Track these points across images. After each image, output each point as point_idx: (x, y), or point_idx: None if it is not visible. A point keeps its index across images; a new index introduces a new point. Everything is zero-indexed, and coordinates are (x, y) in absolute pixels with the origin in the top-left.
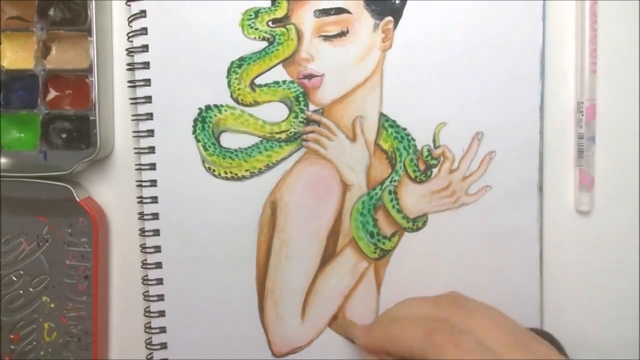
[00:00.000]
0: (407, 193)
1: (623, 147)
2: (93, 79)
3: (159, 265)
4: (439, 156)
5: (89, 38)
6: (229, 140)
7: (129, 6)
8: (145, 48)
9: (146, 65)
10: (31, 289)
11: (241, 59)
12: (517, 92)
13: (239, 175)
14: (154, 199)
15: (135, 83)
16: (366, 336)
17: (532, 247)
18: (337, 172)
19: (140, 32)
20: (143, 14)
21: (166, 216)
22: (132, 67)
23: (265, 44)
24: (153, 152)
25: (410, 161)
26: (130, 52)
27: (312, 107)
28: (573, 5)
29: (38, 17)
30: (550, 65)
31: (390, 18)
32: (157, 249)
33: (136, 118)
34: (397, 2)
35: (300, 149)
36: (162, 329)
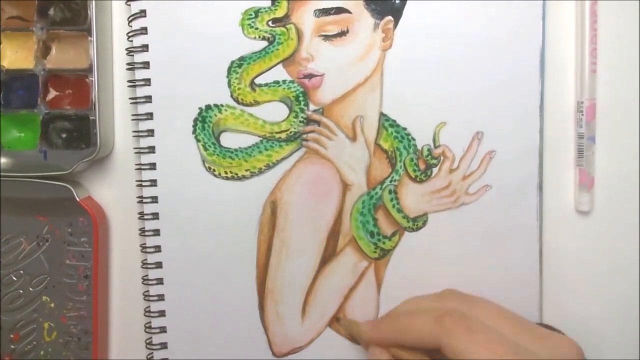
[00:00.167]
0: (407, 192)
1: (623, 147)
2: (93, 79)
3: (159, 265)
4: (439, 156)
5: (89, 38)
6: (229, 140)
7: (129, 6)
8: (145, 48)
9: (146, 65)
10: (31, 289)
11: (241, 59)
12: (517, 92)
13: (239, 175)
14: (154, 199)
15: (135, 83)
16: (374, 330)
17: (532, 247)
18: (337, 172)
19: (140, 32)
20: (143, 14)
21: (166, 216)
22: (132, 67)
23: (265, 44)
24: (153, 152)
25: (410, 161)
26: (130, 52)
27: (312, 107)
28: (573, 5)
29: (38, 17)
30: (550, 65)
31: (390, 18)
32: (157, 249)
33: (136, 118)
34: (397, 2)
35: (300, 149)
36: (162, 329)
